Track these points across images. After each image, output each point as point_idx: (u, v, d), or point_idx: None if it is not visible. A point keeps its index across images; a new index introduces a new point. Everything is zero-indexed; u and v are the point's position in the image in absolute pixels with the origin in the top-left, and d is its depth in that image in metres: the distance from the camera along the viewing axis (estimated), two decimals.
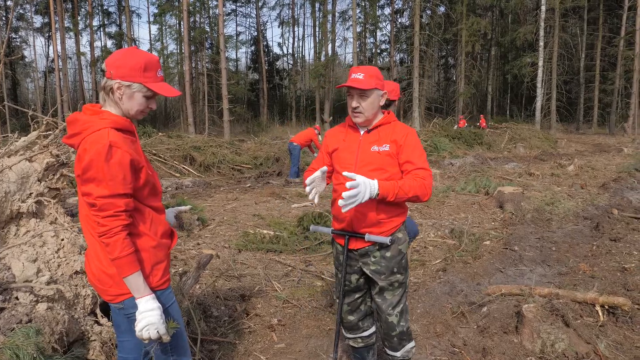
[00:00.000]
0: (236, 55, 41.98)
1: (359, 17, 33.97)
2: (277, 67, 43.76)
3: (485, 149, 18.26)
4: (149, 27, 48.64)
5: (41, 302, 2.42)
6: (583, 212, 7.40)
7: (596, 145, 21.61)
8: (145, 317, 1.73)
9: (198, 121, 28.20)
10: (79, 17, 32.10)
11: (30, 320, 2.29)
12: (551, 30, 29.40)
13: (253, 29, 41.22)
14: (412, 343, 2.60)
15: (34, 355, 2.09)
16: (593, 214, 7.25)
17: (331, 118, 27.71)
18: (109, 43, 36.43)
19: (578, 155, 16.04)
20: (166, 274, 1.90)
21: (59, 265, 2.67)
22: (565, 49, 31.38)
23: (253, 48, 41.40)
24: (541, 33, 27.84)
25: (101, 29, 36.25)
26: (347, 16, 36.19)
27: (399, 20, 39.16)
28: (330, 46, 34.47)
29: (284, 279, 4.57)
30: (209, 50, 33.16)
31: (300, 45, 58.09)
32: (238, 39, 41.02)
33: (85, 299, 2.68)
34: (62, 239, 2.78)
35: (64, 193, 3.05)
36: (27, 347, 2.08)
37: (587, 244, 5.75)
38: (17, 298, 2.40)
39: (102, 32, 36.58)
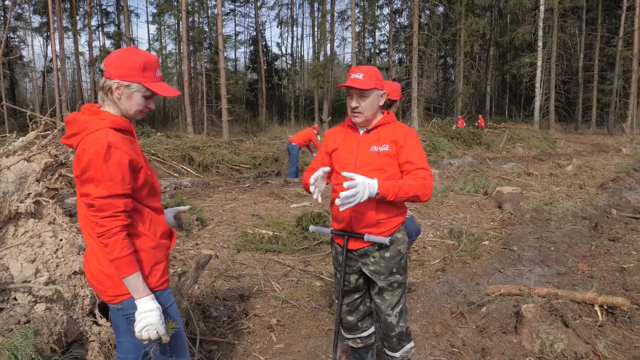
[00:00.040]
0: (235, 55, 42.10)
1: (358, 17, 34.00)
2: (276, 67, 43.80)
3: (484, 149, 18.28)
4: (148, 27, 48.65)
5: (39, 302, 2.42)
6: (582, 212, 7.41)
7: (595, 145, 21.65)
8: (145, 318, 1.73)
9: (197, 121, 28.20)
10: (77, 17, 32.04)
11: (28, 321, 2.29)
12: (550, 30, 29.46)
13: (252, 28, 41.27)
14: (412, 343, 2.60)
15: (32, 356, 2.08)
16: (592, 214, 7.26)
17: (330, 118, 27.70)
18: (108, 43, 36.47)
19: (577, 155, 16.06)
20: (165, 275, 1.89)
21: (57, 266, 2.66)
22: (564, 49, 31.44)
23: (252, 48, 41.43)
24: (540, 33, 27.89)
25: (100, 28, 36.23)
26: (345, 16, 36.26)
27: (398, 20, 39.27)
28: (329, 46, 34.55)
29: (283, 279, 4.56)
30: (207, 50, 33.15)
31: (299, 45, 57.99)
32: (237, 39, 41.17)
33: (83, 299, 2.67)
34: (61, 240, 2.77)
35: (62, 193, 3.04)
36: (26, 348, 2.07)
37: (586, 244, 5.75)
38: (15, 299, 2.40)
39: (100, 32, 36.59)
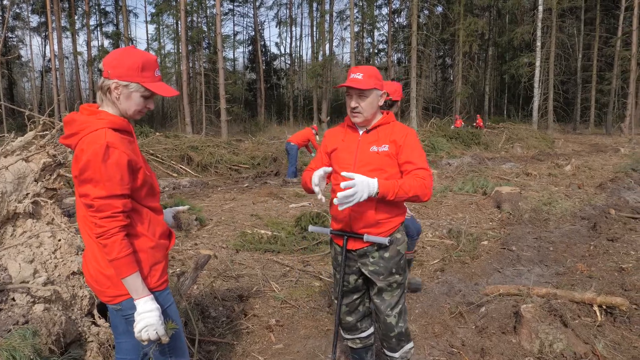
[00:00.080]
0: (233, 55, 42.07)
1: (357, 17, 34.01)
2: (275, 66, 43.79)
3: (483, 149, 18.29)
4: (146, 27, 48.70)
5: (38, 303, 2.41)
6: (580, 212, 7.41)
7: (593, 145, 21.68)
8: (144, 318, 1.72)
9: (195, 121, 28.18)
10: (75, 17, 32.01)
11: (27, 322, 2.28)
12: (548, 30, 29.49)
13: (250, 28, 41.27)
14: (411, 344, 2.60)
15: (31, 357, 2.07)
16: (590, 214, 7.27)
17: (328, 118, 27.71)
18: (106, 43, 36.38)
19: (575, 155, 16.08)
20: (164, 275, 1.89)
21: (55, 266, 2.66)
22: (562, 49, 31.48)
23: (250, 48, 41.43)
24: (538, 33, 27.92)
25: (98, 28, 36.18)
26: (344, 16, 36.21)
27: (397, 20, 39.30)
28: (327, 46, 34.55)
29: (282, 280, 4.56)
30: (206, 50, 33.11)
31: (298, 45, 58.20)
32: (235, 39, 41.15)
33: (82, 300, 2.67)
34: (59, 240, 2.76)
35: (60, 193, 3.03)
36: (24, 349, 2.06)
37: (585, 244, 5.76)
38: (13, 299, 2.39)
39: (99, 32, 36.52)
